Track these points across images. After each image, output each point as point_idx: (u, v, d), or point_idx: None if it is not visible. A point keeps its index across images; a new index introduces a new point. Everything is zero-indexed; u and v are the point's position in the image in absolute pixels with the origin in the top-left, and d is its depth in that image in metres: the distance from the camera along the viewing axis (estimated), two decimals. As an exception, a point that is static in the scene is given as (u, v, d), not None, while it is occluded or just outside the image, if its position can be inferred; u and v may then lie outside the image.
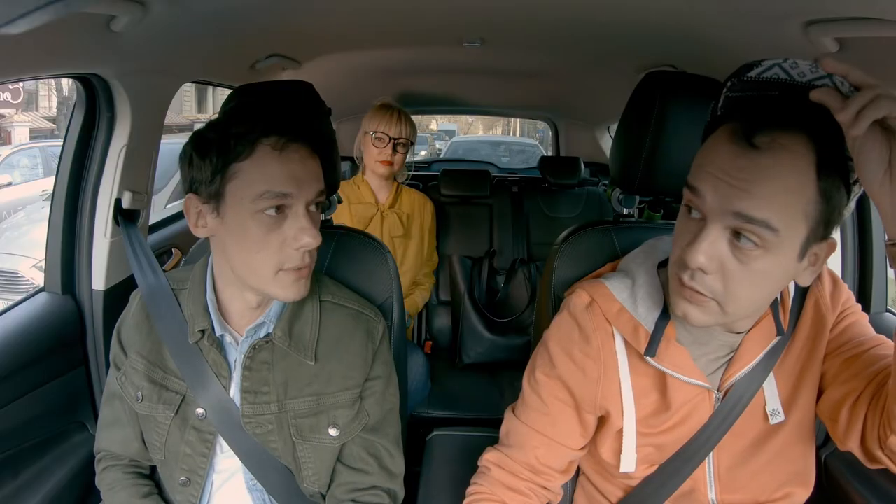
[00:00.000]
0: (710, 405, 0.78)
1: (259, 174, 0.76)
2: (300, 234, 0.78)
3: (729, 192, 0.61)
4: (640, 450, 0.80)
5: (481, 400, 1.82)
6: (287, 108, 0.91)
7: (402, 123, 1.78)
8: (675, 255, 0.68)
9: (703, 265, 0.63)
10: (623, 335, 0.79)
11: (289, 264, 0.79)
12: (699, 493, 0.81)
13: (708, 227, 0.63)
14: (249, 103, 1.02)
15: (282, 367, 0.86)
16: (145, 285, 0.94)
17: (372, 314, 0.94)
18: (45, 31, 0.69)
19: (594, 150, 2.96)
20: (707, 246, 0.63)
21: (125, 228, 1.11)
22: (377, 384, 0.91)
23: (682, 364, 0.76)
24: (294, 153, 0.78)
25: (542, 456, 0.82)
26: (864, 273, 1.24)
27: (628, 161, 1.02)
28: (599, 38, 1.41)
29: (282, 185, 0.77)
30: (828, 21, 0.84)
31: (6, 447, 1.07)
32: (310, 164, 0.81)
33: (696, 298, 0.66)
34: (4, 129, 11.16)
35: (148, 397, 0.88)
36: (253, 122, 0.78)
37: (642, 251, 0.85)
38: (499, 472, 0.84)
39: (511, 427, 0.85)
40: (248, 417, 0.86)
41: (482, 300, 2.12)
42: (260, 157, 0.77)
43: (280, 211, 0.78)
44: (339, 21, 1.33)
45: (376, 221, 1.83)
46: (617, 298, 0.80)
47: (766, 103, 0.64)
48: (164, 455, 0.88)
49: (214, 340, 0.86)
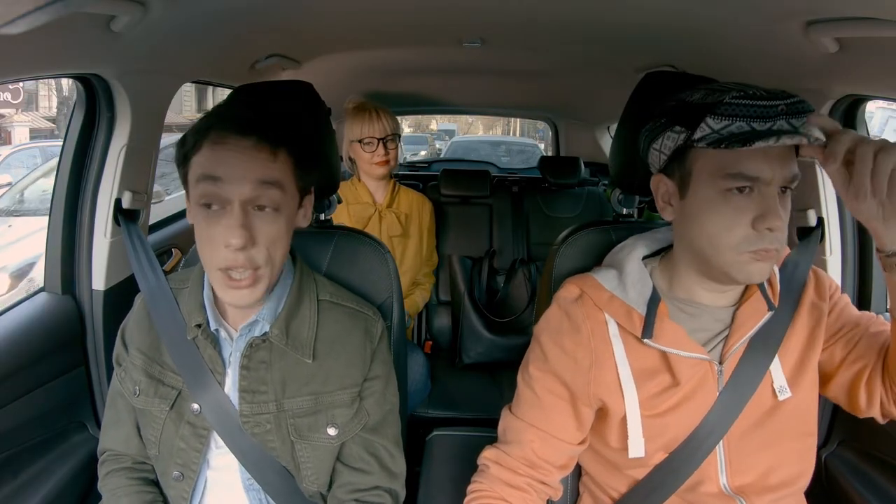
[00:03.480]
0: (714, 379, 0.80)
1: (199, 162, 0.77)
2: (226, 230, 0.75)
3: (780, 163, 0.72)
4: (647, 433, 0.81)
5: (481, 400, 1.82)
6: (259, 106, 0.85)
7: (384, 120, 1.76)
8: (735, 237, 0.73)
9: (782, 224, 0.72)
10: (617, 320, 0.81)
11: (222, 264, 0.77)
12: (710, 480, 0.82)
13: (770, 194, 0.72)
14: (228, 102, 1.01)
15: (280, 366, 0.86)
16: (145, 285, 0.94)
17: (370, 313, 0.94)
18: (45, 31, 0.69)
19: (594, 150, 2.96)
20: (782, 209, 0.72)
21: (126, 228, 1.11)
22: (377, 384, 0.91)
23: (680, 340, 0.79)
24: (234, 144, 0.76)
25: (539, 450, 0.84)
26: (864, 274, 1.24)
27: (628, 161, 1.02)
28: (599, 38, 1.41)
29: (212, 168, 0.76)
30: (828, 21, 0.84)
31: (6, 447, 1.07)
32: (249, 156, 0.76)
33: (769, 255, 0.73)
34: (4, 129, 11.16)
35: (144, 391, 0.89)
36: (209, 117, 0.79)
37: (626, 245, 0.90)
38: (497, 468, 0.85)
39: (507, 424, 0.87)
40: (246, 417, 0.86)
41: (482, 300, 2.12)
42: (205, 147, 0.77)
43: (219, 206, 0.76)
44: (339, 21, 1.33)
45: (374, 221, 1.83)
46: (606, 287, 0.84)
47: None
48: (159, 449, 0.89)
49: (209, 335, 0.86)
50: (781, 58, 1.05)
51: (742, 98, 0.69)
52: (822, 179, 1.18)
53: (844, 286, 1.24)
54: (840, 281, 1.23)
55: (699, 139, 0.72)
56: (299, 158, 0.82)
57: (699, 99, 0.74)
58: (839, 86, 1.07)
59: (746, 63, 1.17)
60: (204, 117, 0.80)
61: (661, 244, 0.89)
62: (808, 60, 0.99)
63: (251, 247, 0.77)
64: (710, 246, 0.75)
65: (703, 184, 0.75)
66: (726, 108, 0.69)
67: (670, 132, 0.77)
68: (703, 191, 0.74)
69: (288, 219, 0.81)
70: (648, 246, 0.88)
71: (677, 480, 0.82)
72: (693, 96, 0.75)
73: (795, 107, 0.69)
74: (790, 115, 0.69)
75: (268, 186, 0.77)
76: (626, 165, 1.03)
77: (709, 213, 0.74)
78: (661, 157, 0.80)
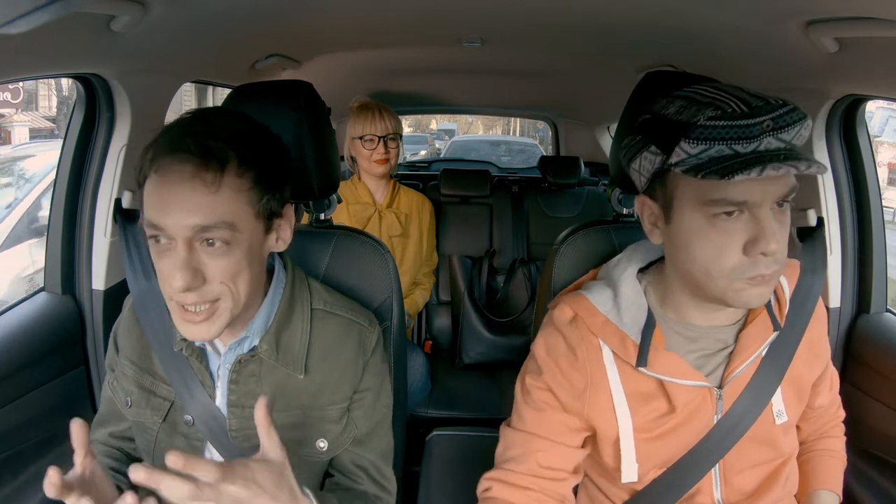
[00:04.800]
0: (713, 403, 0.78)
1: (147, 192, 0.70)
2: (170, 270, 0.69)
3: (772, 181, 0.65)
4: (641, 455, 0.79)
5: (481, 400, 1.82)
6: (204, 123, 0.73)
7: (386, 119, 1.77)
8: (727, 264, 0.68)
9: (778, 247, 0.67)
10: (611, 347, 0.79)
11: (174, 298, 0.71)
12: (705, 493, 0.81)
13: (763, 216, 0.66)
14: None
15: (270, 380, 0.83)
16: (136, 288, 0.91)
17: (366, 322, 0.89)
18: (45, 31, 0.69)
19: (594, 150, 2.96)
20: (778, 231, 0.67)
21: (122, 229, 1.11)
22: (367, 396, 0.88)
23: (676, 367, 0.76)
24: (174, 171, 0.67)
25: (545, 459, 0.80)
26: (864, 273, 1.24)
27: (628, 161, 1.02)
28: (599, 38, 1.41)
29: (154, 202, 0.69)
30: (828, 21, 0.84)
31: (6, 447, 1.07)
32: (190, 187, 0.67)
33: (767, 279, 0.68)
34: (4, 129, 11.15)
35: (136, 403, 0.86)
36: (156, 139, 0.70)
37: (623, 258, 0.85)
38: (502, 488, 0.80)
39: (508, 440, 0.83)
40: (235, 431, 0.83)
41: (482, 300, 2.12)
42: (151, 175, 0.69)
43: (166, 240, 0.69)
44: (339, 21, 1.33)
45: (374, 221, 1.83)
46: (600, 311, 0.80)
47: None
48: (153, 460, 0.86)
49: (195, 350, 0.83)
50: (781, 57, 1.05)
51: (719, 119, 0.62)
52: (821, 179, 1.18)
53: (844, 286, 1.24)
54: (840, 281, 1.23)
55: (676, 164, 0.66)
56: (258, 178, 0.72)
57: (674, 114, 0.67)
58: (839, 86, 1.07)
59: (746, 63, 1.17)
60: (152, 139, 0.72)
61: (660, 254, 0.86)
62: (808, 60, 0.99)
63: (201, 284, 0.70)
64: (703, 274, 0.70)
65: (687, 210, 0.69)
66: (702, 131, 0.63)
67: (647, 152, 0.71)
68: (689, 216, 0.69)
69: (249, 250, 0.73)
70: (643, 258, 0.84)
71: (673, 497, 0.80)
72: (668, 109, 0.69)
73: (783, 119, 0.63)
74: (777, 129, 0.63)
75: (212, 224, 0.68)
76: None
77: (697, 241, 0.69)
78: (641, 178, 0.75)
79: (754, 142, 0.63)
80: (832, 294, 1.23)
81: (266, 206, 0.74)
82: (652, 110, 0.72)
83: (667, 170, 0.69)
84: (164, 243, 0.69)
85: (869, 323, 1.22)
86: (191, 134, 0.69)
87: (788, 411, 0.80)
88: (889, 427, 1.09)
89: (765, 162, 0.61)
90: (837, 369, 0.95)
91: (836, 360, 1.22)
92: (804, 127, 0.65)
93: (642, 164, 0.73)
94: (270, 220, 0.76)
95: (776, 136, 0.63)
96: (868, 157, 1.22)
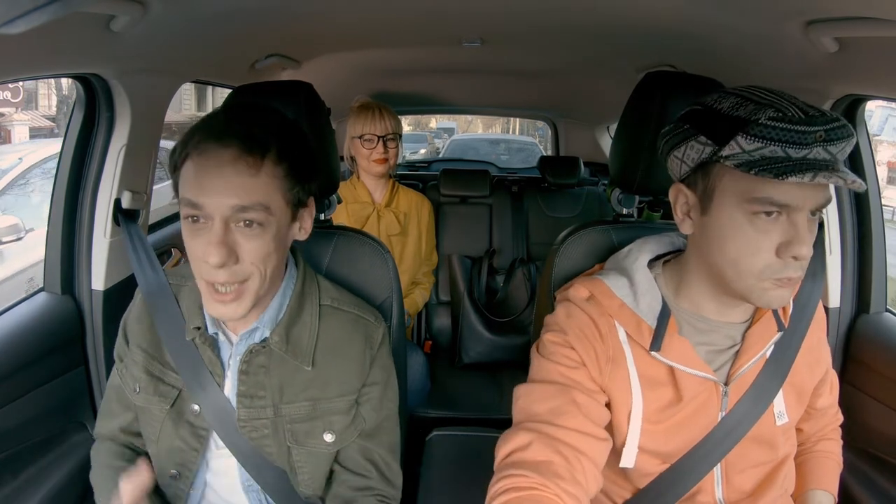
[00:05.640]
0: (718, 399, 0.79)
1: (184, 175, 0.75)
2: (206, 247, 0.73)
3: (813, 189, 0.68)
4: (644, 444, 0.80)
5: (481, 400, 1.82)
6: (245, 113, 0.80)
7: (386, 119, 1.78)
8: (758, 263, 0.70)
9: (808, 253, 0.69)
10: (626, 330, 0.79)
11: (206, 277, 0.76)
12: (706, 492, 0.82)
13: (800, 222, 0.68)
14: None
15: (278, 372, 0.86)
16: (145, 283, 0.94)
17: (372, 319, 0.92)
18: (45, 31, 0.69)
19: (594, 150, 2.96)
20: (809, 238, 0.69)
21: (126, 226, 1.11)
22: (374, 390, 0.90)
23: (686, 356, 0.78)
24: (214, 155, 0.73)
25: (585, 409, 0.75)
26: (864, 273, 1.24)
27: (628, 161, 1.02)
28: (599, 38, 1.41)
29: (194, 183, 0.73)
30: (828, 21, 0.84)
31: (6, 447, 1.07)
32: (231, 170, 0.72)
33: (792, 283, 0.71)
34: (4, 128, 11.14)
35: (145, 389, 0.89)
36: (196, 125, 0.76)
37: (634, 249, 0.86)
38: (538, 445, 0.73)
39: (525, 397, 0.78)
40: (243, 421, 0.86)
41: (482, 300, 2.12)
42: (190, 158, 0.74)
43: (203, 220, 0.74)
44: (339, 21, 1.33)
45: (373, 221, 1.83)
46: (616, 294, 0.81)
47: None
48: (157, 447, 0.89)
49: (208, 339, 0.86)
50: (781, 57, 1.05)
51: (779, 121, 0.64)
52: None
53: (844, 286, 1.24)
54: (840, 281, 1.23)
55: (727, 157, 0.67)
56: (292, 168, 0.77)
57: (729, 109, 0.69)
58: (839, 86, 1.07)
59: (746, 63, 1.17)
60: (193, 126, 0.78)
61: (668, 248, 0.87)
62: (808, 60, 0.99)
63: (233, 263, 0.74)
64: (733, 269, 0.71)
65: (727, 203, 0.70)
66: (761, 130, 0.64)
67: (694, 142, 0.71)
68: (728, 211, 0.70)
69: (277, 234, 0.77)
70: (653, 250, 0.85)
71: (675, 495, 0.81)
72: (722, 104, 0.70)
73: (835, 133, 0.65)
74: (828, 141, 0.64)
75: (250, 205, 0.73)
76: (625, 165, 1.03)
77: (732, 235, 0.70)
78: (682, 166, 0.75)
79: (805, 149, 0.64)
80: (832, 294, 1.23)
81: (296, 195, 0.79)
82: (702, 102, 0.73)
83: (714, 161, 0.70)
84: (200, 223, 0.74)
85: (869, 323, 1.22)
86: (236, 121, 0.76)
87: (789, 413, 0.82)
88: (888, 426, 1.10)
89: (816, 169, 0.63)
90: (837, 369, 0.96)
91: (836, 359, 1.22)
92: (849, 143, 0.66)
93: (686, 153, 0.73)
94: (297, 209, 0.81)
95: (825, 147, 0.65)
96: (867, 156, 1.23)
